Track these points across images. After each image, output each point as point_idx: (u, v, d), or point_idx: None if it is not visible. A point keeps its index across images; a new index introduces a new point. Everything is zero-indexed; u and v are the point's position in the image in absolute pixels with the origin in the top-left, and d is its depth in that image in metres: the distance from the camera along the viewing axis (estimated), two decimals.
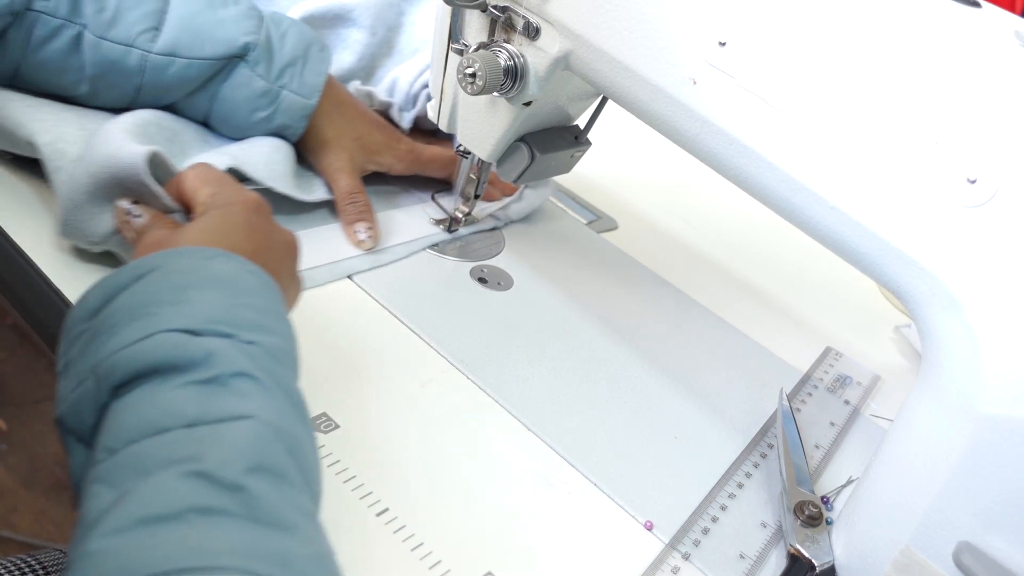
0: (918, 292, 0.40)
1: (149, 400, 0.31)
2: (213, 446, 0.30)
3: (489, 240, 0.65)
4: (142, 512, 0.27)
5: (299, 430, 0.33)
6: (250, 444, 0.30)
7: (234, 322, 0.35)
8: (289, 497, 0.30)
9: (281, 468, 0.31)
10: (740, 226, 0.81)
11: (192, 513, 0.27)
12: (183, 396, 0.31)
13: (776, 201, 0.44)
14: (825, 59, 0.40)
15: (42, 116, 0.50)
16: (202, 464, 0.29)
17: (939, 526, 0.39)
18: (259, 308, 0.37)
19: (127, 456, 0.30)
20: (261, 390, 0.33)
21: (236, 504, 0.28)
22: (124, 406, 0.32)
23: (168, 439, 0.30)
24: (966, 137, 0.37)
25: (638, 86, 0.46)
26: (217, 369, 0.32)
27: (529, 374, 0.53)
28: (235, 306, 0.36)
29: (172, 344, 0.33)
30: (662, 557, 0.44)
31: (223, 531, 0.28)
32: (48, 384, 1.42)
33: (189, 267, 0.37)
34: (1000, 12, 0.42)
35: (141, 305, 0.35)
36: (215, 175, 0.45)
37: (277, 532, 0.29)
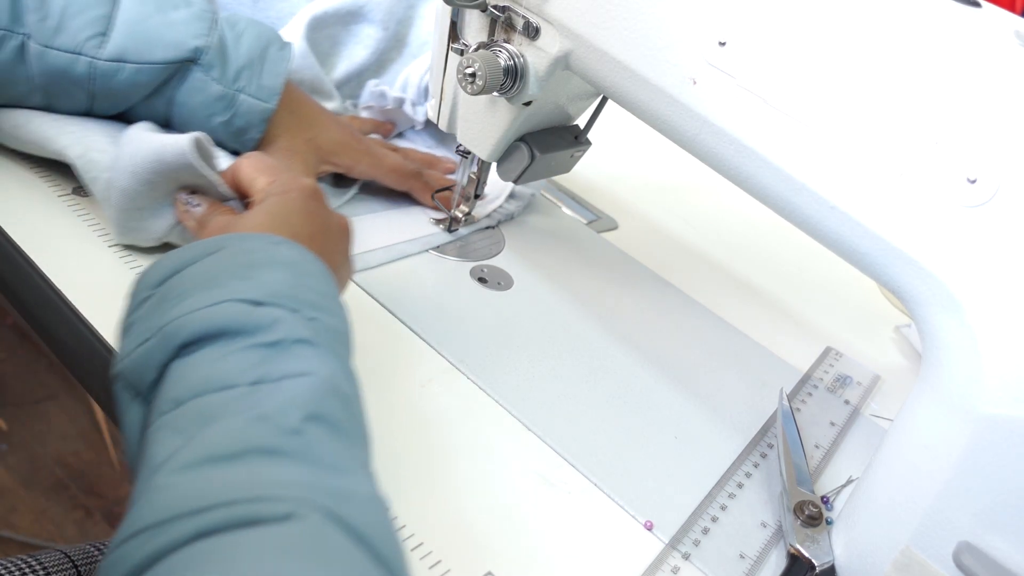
0: (918, 292, 0.40)
1: (215, 359, 0.33)
2: (274, 397, 0.32)
3: (489, 240, 0.65)
4: (208, 451, 0.29)
5: (353, 391, 0.36)
6: (309, 396, 0.32)
7: (298, 300, 0.37)
8: (345, 446, 0.32)
9: (337, 419, 0.33)
10: (740, 226, 0.81)
11: (254, 453, 0.29)
12: (248, 357, 0.33)
13: (776, 201, 0.44)
14: (825, 59, 0.40)
15: (70, 129, 0.51)
16: (264, 410, 0.31)
17: (939, 526, 0.39)
18: (320, 291, 0.39)
19: (194, 407, 0.32)
20: (321, 355, 0.35)
21: (296, 446, 0.30)
22: (190, 363, 0.34)
23: (233, 394, 0.32)
24: (966, 137, 0.37)
25: (638, 86, 0.46)
26: (281, 334, 0.34)
27: (529, 374, 0.53)
28: (298, 286, 0.38)
29: (238, 311, 0.35)
30: (662, 557, 0.44)
31: (284, 469, 0.29)
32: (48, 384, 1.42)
33: (256, 248, 0.39)
34: (1000, 12, 0.42)
35: (210, 277, 0.37)
36: (270, 163, 0.47)
37: (335, 473, 0.30)
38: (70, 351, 0.45)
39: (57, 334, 0.46)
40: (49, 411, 1.39)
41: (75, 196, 0.54)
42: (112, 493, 1.30)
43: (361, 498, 0.31)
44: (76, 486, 1.28)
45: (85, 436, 1.36)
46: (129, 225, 0.49)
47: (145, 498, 0.29)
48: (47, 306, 0.47)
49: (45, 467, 1.29)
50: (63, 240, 0.50)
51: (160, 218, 0.49)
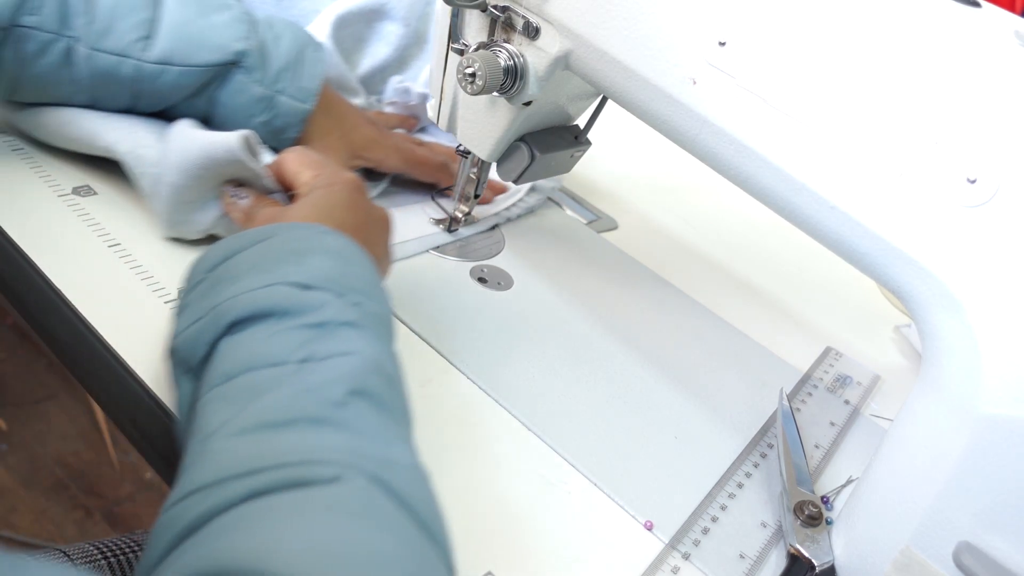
0: (918, 292, 0.40)
1: (265, 337, 0.35)
2: (321, 374, 0.34)
3: (489, 240, 0.65)
4: (260, 419, 0.31)
5: (397, 375, 0.37)
6: (353, 373, 0.34)
7: (344, 285, 0.39)
8: (387, 420, 0.34)
9: (380, 396, 0.35)
10: (740, 226, 0.81)
11: (303, 422, 0.31)
12: (296, 337, 0.35)
13: (776, 201, 0.44)
14: (825, 59, 0.40)
15: (117, 125, 0.53)
16: (311, 384, 0.33)
17: (939, 526, 0.39)
18: (364, 279, 0.41)
19: (244, 381, 0.34)
20: (365, 337, 0.37)
21: (341, 417, 0.32)
22: (240, 340, 0.36)
23: (282, 371, 0.34)
24: (966, 137, 0.37)
25: (638, 86, 0.46)
26: (327, 316, 0.36)
27: (529, 374, 0.53)
28: (344, 273, 0.40)
29: (287, 294, 0.37)
30: (662, 557, 0.44)
31: (331, 437, 0.31)
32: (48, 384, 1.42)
33: (305, 237, 0.41)
34: (1000, 12, 0.42)
35: (262, 261, 0.39)
36: (314, 158, 0.49)
37: (378, 442, 0.32)
38: (70, 351, 0.45)
39: (57, 334, 0.46)
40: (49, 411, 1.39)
41: (75, 196, 0.54)
42: (112, 493, 1.30)
43: (404, 466, 0.32)
44: (76, 486, 1.28)
45: (85, 436, 1.36)
46: (177, 218, 0.51)
47: (200, 461, 0.31)
48: (47, 306, 0.47)
49: (45, 467, 1.29)
50: (63, 240, 0.51)
51: (207, 211, 0.51)
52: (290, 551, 0.26)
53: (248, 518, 0.28)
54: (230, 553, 0.26)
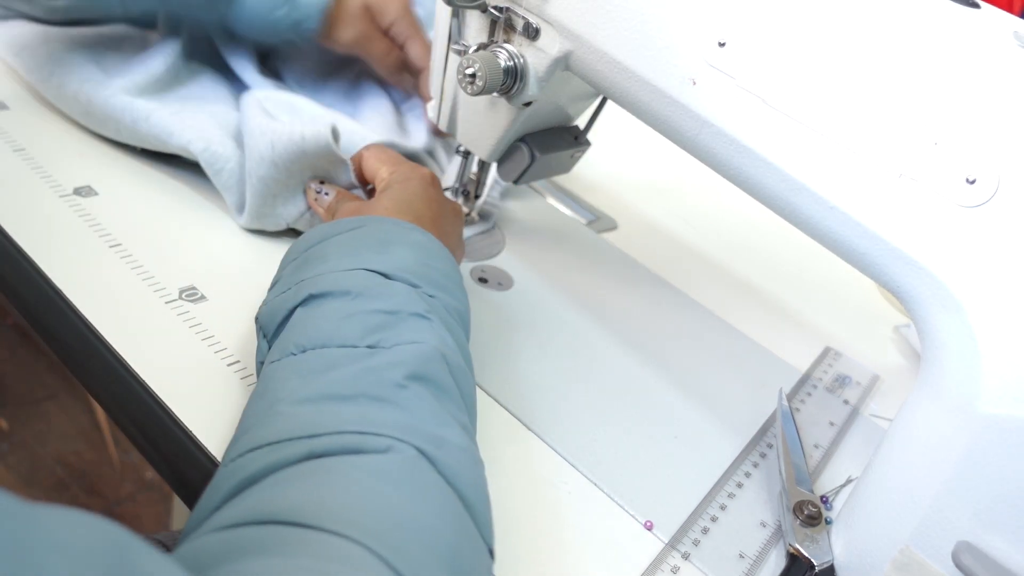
0: (917, 292, 0.40)
1: (340, 317, 0.38)
2: (386, 358, 0.36)
3: (489, 240, 0.65)
4: (324, 391, 0.34)
5: (461, 362, 0.39)
6: (416, 359, 0.36)
7: (422, 277, 0.41)
8: (444, 405, 0.36)
9: (443, 383, 0.37)
10: (740, 226, 0.81)
11: (364, 398, 0.34)
12: (368, 321, 0.37)
13: (776, 201, 0.44)
14: (825, 60, 0.40)
15: (189, 123, 0.56)
16: (375, 365, 0.35)
17: (938, 526, 0.39)
18: (444, 272, 0.43)
19: (315, 356, 0.36)
20: (433, 328, 0.39)
21: (400, 397, 0.34)
22: (316, 313, 0.38)
23: (350, 352, 0.36)
24: (965, 137, 0.37)
25: (638, 86, 0.46)
26: (399, 306, 0.38)
27: (529, 374, 0.53)
28: (425, 266, 0.42)
29: (367, 278, 0.39)
30: (662, 557, 0.44)
31: (388, 413, 0.33)
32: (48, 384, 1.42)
33: (391, 229, 0.44)
34: (999, 13, 0.42)
35: (350, 247, 0.42)
36: (391, 155, 0.53)
37: (432, 423, 0.34)
38: (70, 351, 0.46)
39: (57, 334, 0.46)
40: (49, 411, 1.39)
41: (75, 196, 0.54)
42: (112, 493, 1.30)
43: (453, 447, 0.34)
44: (76, 486, 1.28)
45: (85, 436, 1.36)
46: (263, 211, 0.54)
47: (265, 422, 0.33)
48: (47, 306, 0.47)
49: (45, 467, 1.29)
50: (63, 240, 0.51)
51: (292, 204, 0.55)
52: (331, 507, 0.28)
53: (301, 476, 0.30)
54: (278, 504, 0.28)
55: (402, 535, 0.29)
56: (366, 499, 0.29)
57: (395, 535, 0.28)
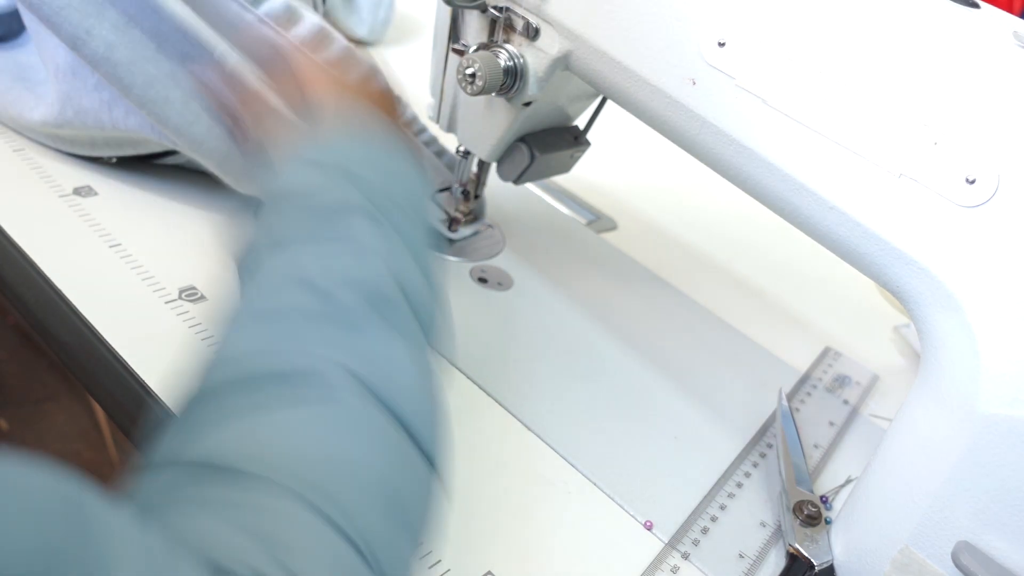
0: (917, 292, 0.40)
1: (280, 213, 0.36)
2: (322, 262, 0.33)
3: (489, 240, 0.65)
4: (256, 307, 0.33)
5: (407, 261, 0.36)
6: (357, 264, 0.34)
7: (357, 161, 0.38)
8: (390, 317, 0.33)
9: (385, 290, 0.34)
10: (740, 226, 0.81)
11: (296, 313, 0.32)
12: (304, 217, 0.35)
13: (776, 201, 0.44)
14: (824, 59, 0.40)
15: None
16: (310, 274, 0.33)
17: (938, 525, 0.39)
18: (383, 149, 0.40)
19: (249, 254, 0.35)
20: (374, 224, 0.36)
21: (337, 312, 0.32)
22: (267, 213, 0.36)
23: (284, 248, 0.34)
24: (965, 137, 0.37)
25: (638, 86, 0.46)
26: (337, 199, 0.36)
27: (529, 374, 0.53)
28: (363, 149, 0.39)
29: (307, 174, 0.37)
30: (662, 556, 0.44)
31: (322, 331, 0.31)
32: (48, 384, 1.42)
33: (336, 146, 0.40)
34: (999, 13, 0.42)
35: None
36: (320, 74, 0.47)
37: (372, 342, 0.32)
38: (70, 351, 0.46)
39: (57, 334, 0.46)
40: (49, 411, 1.39)
41: (75, 196, 0.54)
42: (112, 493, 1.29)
43: (396, 369, 0.32)
44: None
45: (85, 436, 1.36)
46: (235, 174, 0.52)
47: (229, 329, 0.32)
48: (47, 306, 0.47)
49: None
50: (63, 240, 0.51)
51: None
52: (261, 449, 0.27)
53: (232, 412, 0.29)
54: (209, 444, 0.28)
55: (335, 479, 0.28)
56: (297, 439, 0.28)
57: (327, 479, 0.27)
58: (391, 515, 0.29)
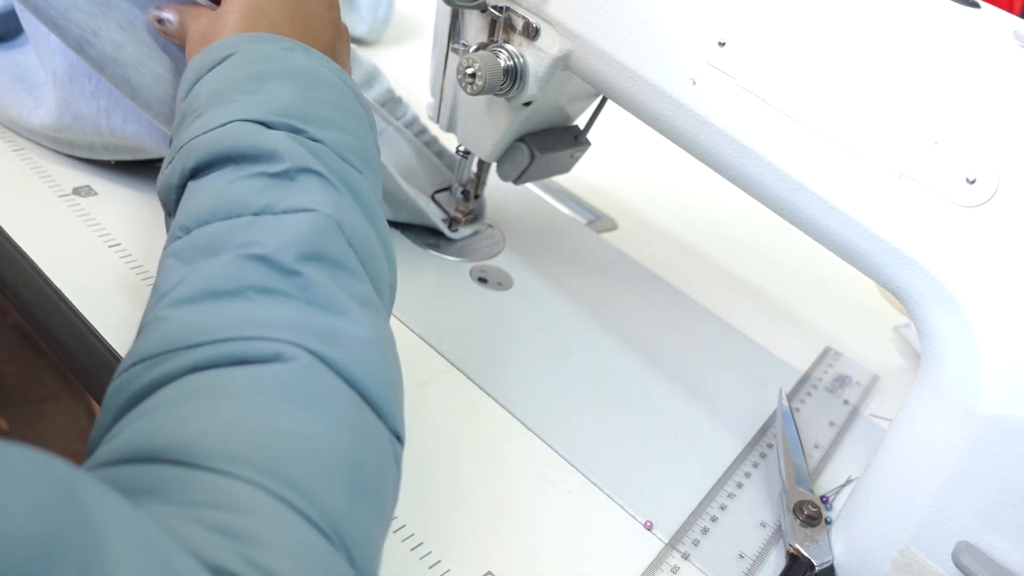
0: (917, 292, 0.40)
1: (222, 186, 0.34)
2: (275, 233, 0.32)
3: (489, 240, 0.65)
4: (208, 286, 0.31)
5: (361, 224, 0.35)
6: (309, 233, 0.32)
7: (307, 117, 0.37)
8: (345, 285, 0.33)
9: (338, 257, 0.33)
10: (740, 226, 0.81)
11: (251, 291, 0.30)
12: (253, 186, 0.34)
13: (776, 201, 0.44)
14: (825, 59, 0.40)
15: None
16: (263, 249, 0.31)
17: (938, 526, 0.39)
18: (333, 104, 0.38)
19: (199, 236, 0.33)
20: (326, 186, 0.35)
21: (291, 286, 0.31)
22: (199, 189, 0.35)
23: (236, 224, 0.33)
24: (965, 137, 0.37)
25: (638, 86, 0.46)
26: (286, 164, 0.34)
27: (529, 374, 0.53)
28: (310, 100, 0.37)
29: (245, 134, 0.35)
30: (662, 557, 0.44)
31: (278, 308, 0.30)
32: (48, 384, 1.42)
33: (267, 55, 0.38)
34: (999, 13, 0.42)
35: (222, 91, 0.37)
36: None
37: (328, 314, 0.31)
38: (70, 351, 0.46)
39: (57, 334, 0.46)
40: (49, 411, 1.39)
41: (75, 196, 0.54)
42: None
43: (355, 340, 0.31)
44: None
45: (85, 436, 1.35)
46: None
47: (149, 328, 0.30)
48: (47, 306, 0.47)
49: None
50: (63, 240, 0.51)
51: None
52: (217, 440, 0.26)
53: (184, 399, 0.28)
54: (161, 437, 0.26)
55: (295, 462, 0.27)
56: (254, 423, 0.27)
57: (287, 463, 0.26)
58: (355, 493, 0.28)
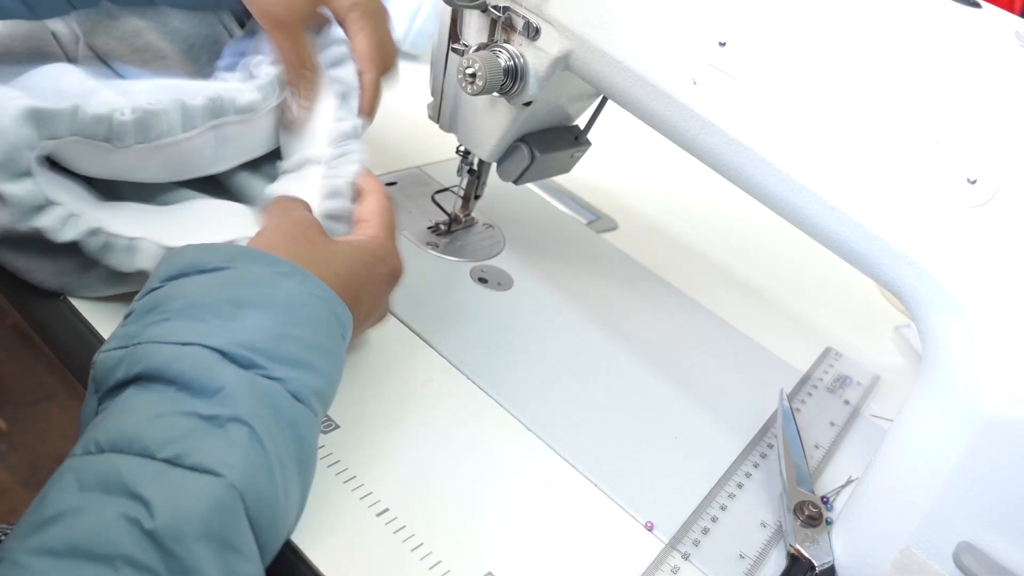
0: (918, 293, 0.40)
1: (151, 415, 0.33)
2: (170, 503, 0.30)
3: (489, 240, 0.65)
4: (79, 543, 0.29)
5: (270, 487, 0.33)
6: (205, 512, 0.31)
7: (272, 353, 0.36)
8: (230, 565, 0.31)
9: (229, 538, 0.31)
10: (740, 226, 0.81)
11: (121, 562, 0.28)
12: (180, 426, 0.32)
13: (776, 201, 0.44)
14: (825, 59, 0.40)
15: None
16: (150, 522, 0.29)
17: (939, 526, 0.39)
18: (308, 342, 0.37)
19: (105, 465, 0.31)
20: (251, 443, 0.33)
21: (165, 568, 0.29)
22: (131, 407, 0.34)
23: (142, 468, 0.31)
24: (966, 137, 0.37)
25: (638, 86, 0.46)
26: (220, 409, 0.33)
27: (529, 374, 0.53)
28: (283, 336, 0.36)
29: (199, 364, 0.34)
30: (662, 557, 0.44)
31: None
32: (48, 384, 1.42)
33: (257, 279, 0.38)
34: (1000, 12, 0.42)
35: (199, 305, 0.36)
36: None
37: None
38: (70, 351, 0.45)
39: (57, 334, 0.46)
40: (49, 411, 1.39)
41: None
42: None
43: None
44: None
45: None
46: None
47: (8, 571, 0.28)
48: (47, 306, 0.47)
49: (45, 467, 1.29)
50: None
51: None
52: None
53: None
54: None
55: None
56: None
57: None
58: None
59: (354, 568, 0.39)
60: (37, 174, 0.41)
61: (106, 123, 0.42)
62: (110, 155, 0.44)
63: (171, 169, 0.47)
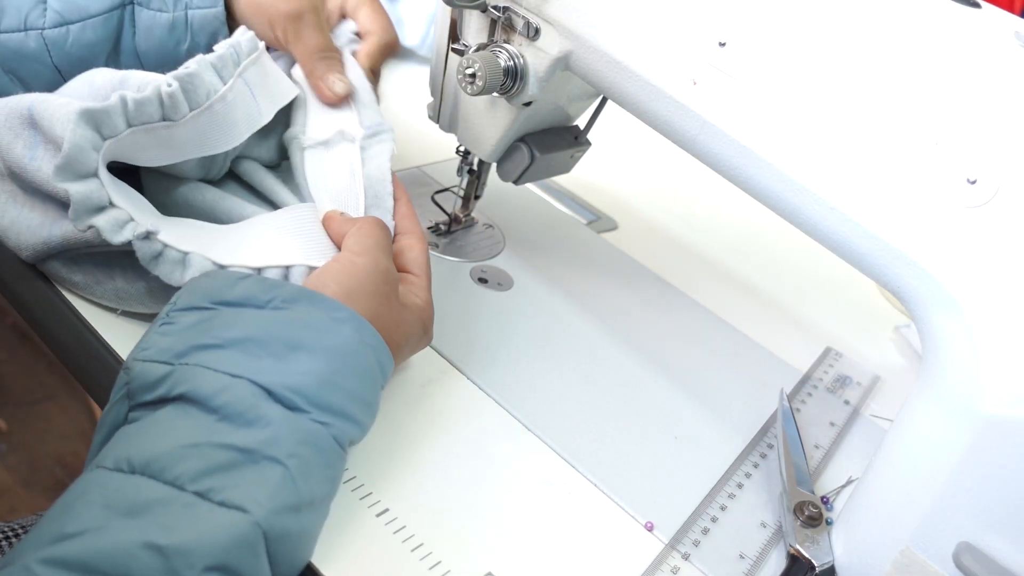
0: (918, 293, 0.40)
1: (189, 444, 0.33)
2: (193, 530, 0.31)
3: (489, 240, 0.65)
4: (92, 561, 0.29)
5: (297, 528, 0.34)
6: (225, 544, 0.31)
7: (316, 400, 0.36)
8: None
9: (245, 571, 0.32)
10: (740, 226, 0.81)
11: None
12: (215, 458, 0.33)
13: (776, 201, 0.44)
14: (825, 60, 0.40)
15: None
16: (171, 542, 0.30)
17: (939, 526, 0.39)
18: (351, 393, 0.38)
19: (132, 489, 0.32)
20: (284, 483, 0.34)
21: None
22: (167, 428, 0.34)
23: (169, 498, 0.31)
24: (966, 138, 0.37)
25: (638, 86, 0.46)
26: (260, 442, 0.34)
27: (529, 374, 0.53)
28: (329, 384, 0.37)
29: (245, 396, 0.35)
30: (662, 557, 0.44)
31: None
32: (48, 384, 1.42)
33: (315, 324, 0.38)
34: (1000, 12, 0.42)
35: (255, 341, 0.37)
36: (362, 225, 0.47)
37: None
38: (70, 351, 0.45)
39: (57, 334, 0.46)
40: (49, 411, 1.38)
41: None
42: None
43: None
44: None
45: (85, 436, 1.36)
46: None
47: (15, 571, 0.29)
48: (47, 306, 0.47)
49: (45, 467, 1.29)
50: None
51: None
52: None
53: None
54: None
55: None
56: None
57: None
58: None
59: (353, 568, 0.39)
60: (103, 178, 0.42)
61: (155, 101, 0.43)
62: (171, 135, 0.44)
63: (228, 132, 0.47)
